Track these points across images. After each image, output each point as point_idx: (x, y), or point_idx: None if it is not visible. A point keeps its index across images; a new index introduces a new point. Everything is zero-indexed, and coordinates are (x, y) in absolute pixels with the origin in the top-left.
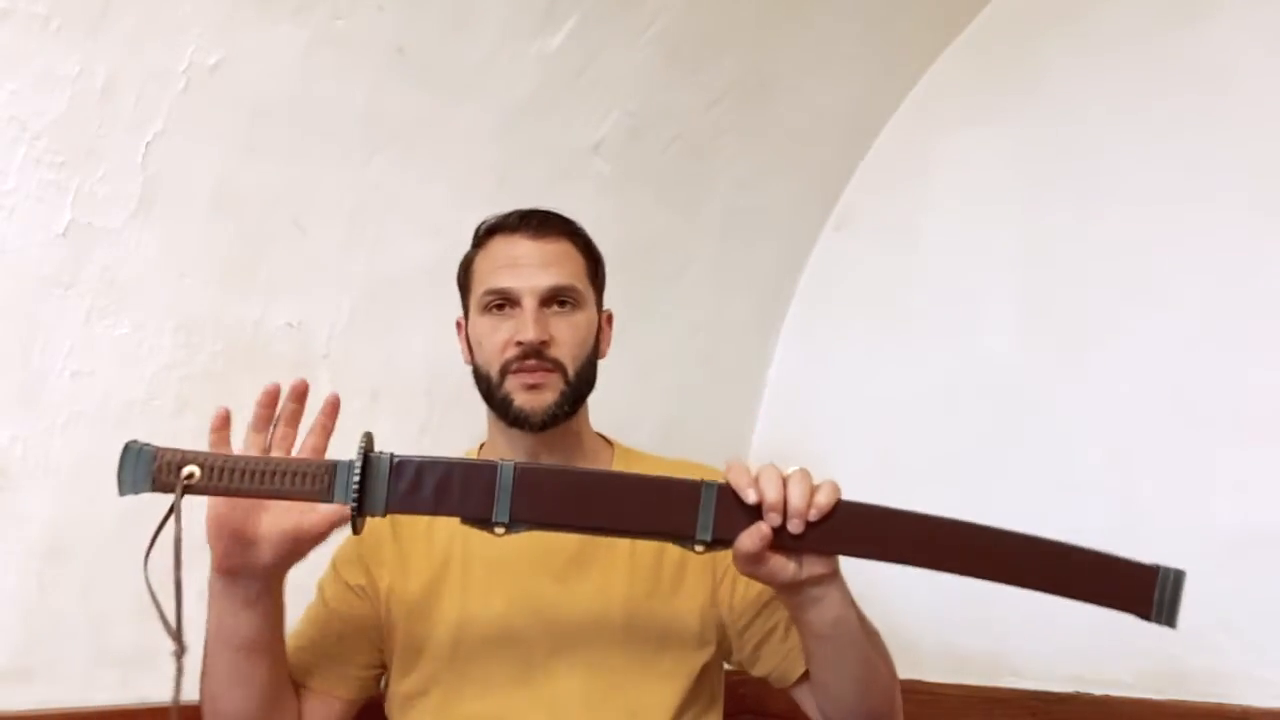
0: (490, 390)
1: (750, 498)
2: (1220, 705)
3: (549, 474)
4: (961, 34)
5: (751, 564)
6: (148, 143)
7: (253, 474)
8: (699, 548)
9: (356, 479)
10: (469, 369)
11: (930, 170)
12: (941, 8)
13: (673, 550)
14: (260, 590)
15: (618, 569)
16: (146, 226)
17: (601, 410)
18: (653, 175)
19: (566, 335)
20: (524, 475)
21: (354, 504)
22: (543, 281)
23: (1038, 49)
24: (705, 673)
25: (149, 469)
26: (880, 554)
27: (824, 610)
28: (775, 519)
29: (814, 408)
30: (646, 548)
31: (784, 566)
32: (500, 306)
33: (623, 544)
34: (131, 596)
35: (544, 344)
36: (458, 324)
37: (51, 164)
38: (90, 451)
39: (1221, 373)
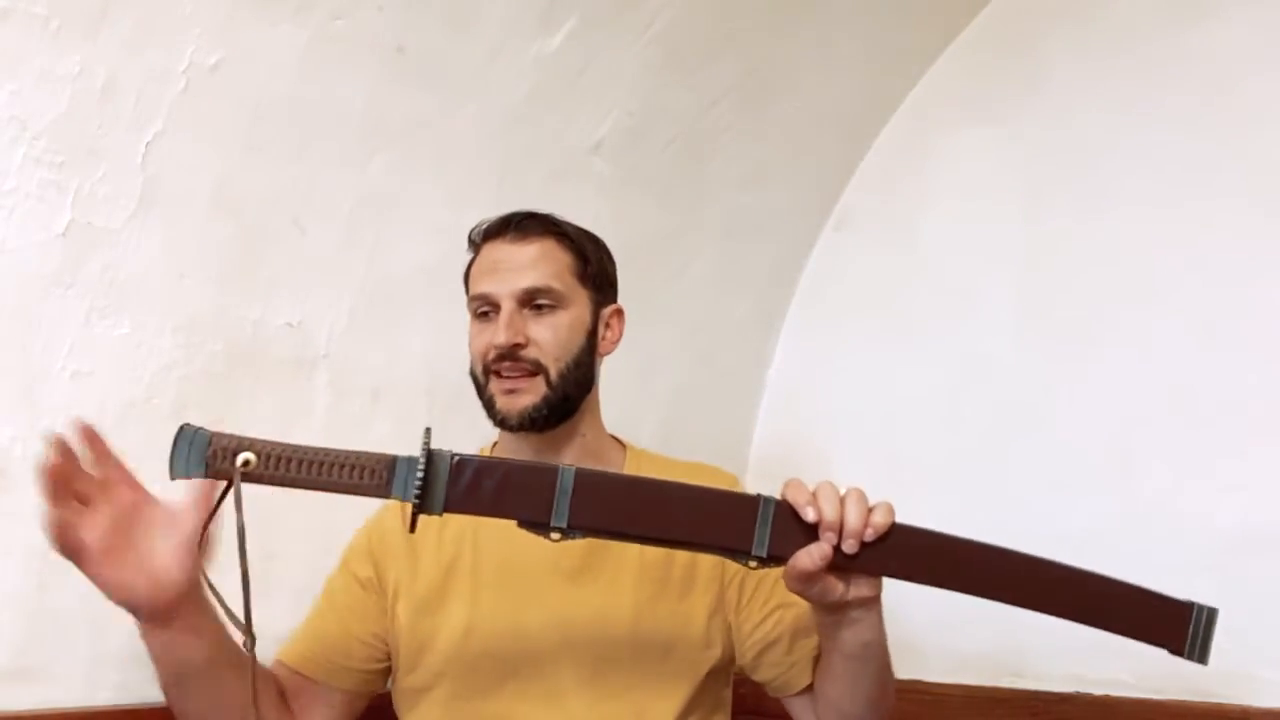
0: (479, 393)
1: (809, 516)
2: (1220, 705)
3: (609, 480)
4: (961, 34)
5: (804, 582)
6: (148, 143)
7: (310, 465)
8: (753, 563)
9: (420, 476)
10: (465, 369)
11: (930, 170)
12: (942, 7)
13: (682, 554)
14: (193, 616)
15: (627, 572)
16: (146, 226)
17: (601, 409)
18: (653, 175)
19: (545, 336)
20: (584, 480)
21: (416, 501)
22: (518, 284)
23: (1038, 49)
24: (712, 676)
25: (203, 454)
26: (929, 578)
27: (860, 632)
28: (832, 538)
29: (814, 407)
30: (656, 551)
31: (834, 587)
32: (485, 313)
33: (632, 547)
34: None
35: (517, 346)
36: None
37: (51, 164)
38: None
39: (1221, 373)
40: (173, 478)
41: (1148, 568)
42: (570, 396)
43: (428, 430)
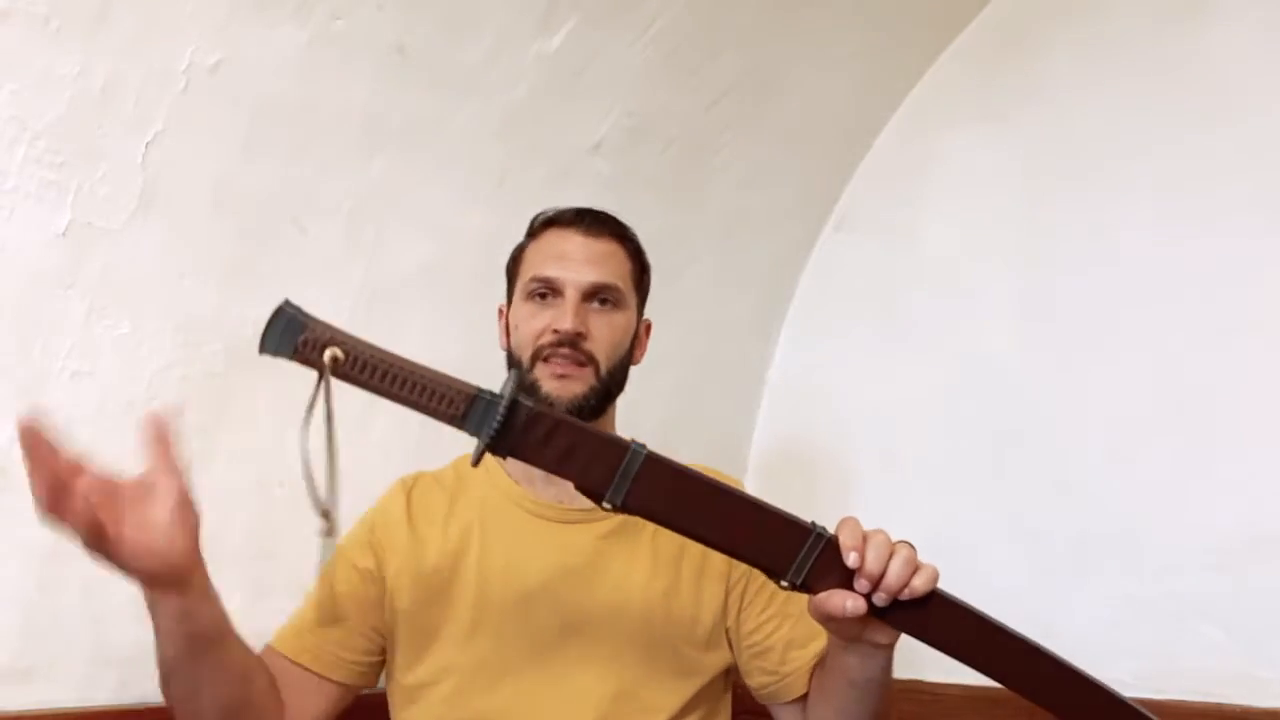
0: (520, 375)
1: (851, 561)
2: (1220, 705)
3: (674, 472)
4: (961, 34)
5: (827, 618)
6: (148, 143)
7: (394, 377)
8: (785, 584)
9: (499, 419)
10: (465, 369)
11: (930, 170)
12: (942, 7)
13: (694, 551)
14: (200, 587)
15: (638, 566)
16: (146, 226)
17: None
18: (653, 175)
19: (604, 332)
20: (650, 465)
21: (490, 440)
22: (587, 276)
23: (1038, 49)
24: (717, 675)
25: (295, 338)
26: (951, 650)
27: (866, 666)
28: (865, 586)
29: (814, 408)
30: (668, 547)
31: (851, 627)
32: (543, 295)
33: (644, 541)
34: (131, 596)
35: (579, 336)
36: (499, 310)
37: (51, 164)
38: (90, 451)
39: (1221, 373)
40: (261, 351)
41: (1148, 568)
42: (610, 394)
43: (514, 373)
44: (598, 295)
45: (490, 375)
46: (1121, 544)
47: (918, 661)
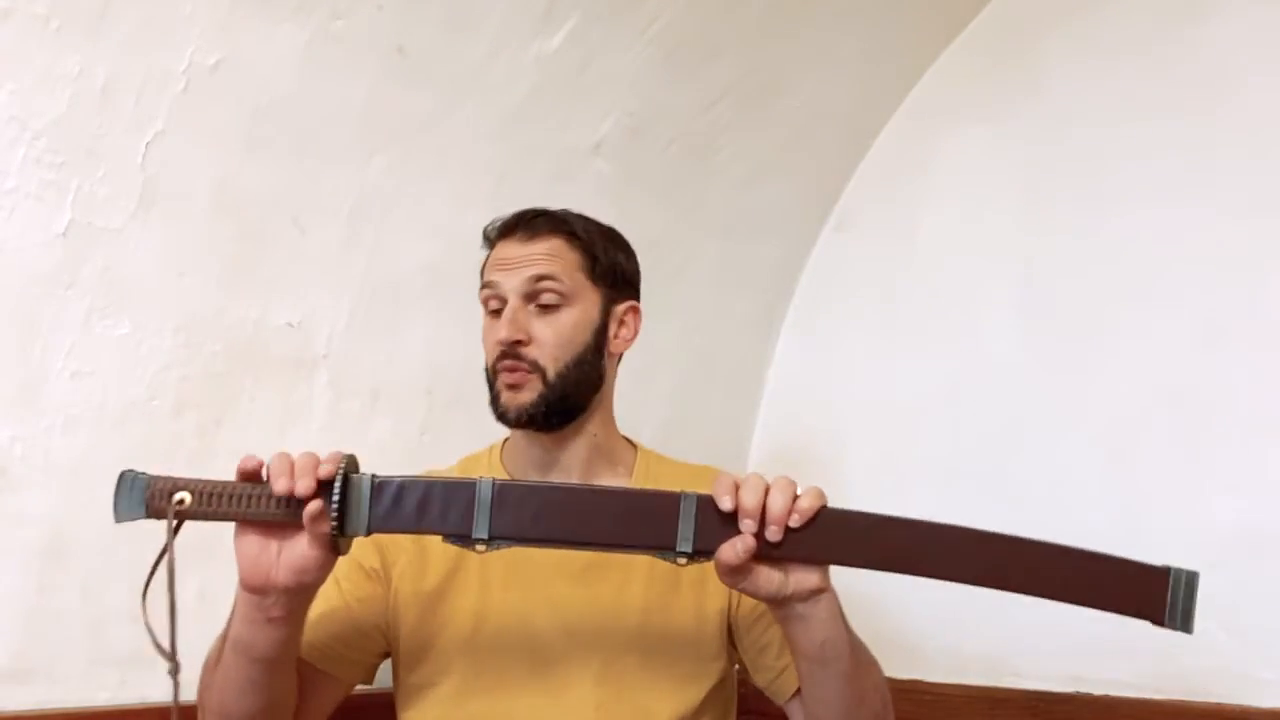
0: (489, 387)
1: (725, 505)
2: (1220, 705)
3: (527, 490)
4: (961, 34)
5: (733, 575)
6: (148, 143)
7: (238, 498)
8: (681, 560)
9: (336, 500)
10: (465, 369)
11: (930, 170)
12: (942, 8)
13: None
14: (284, 611)
15: (638, 572)
16: (146, 226)
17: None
18: (653, 175)
19: (546, 335)
20: (502, 492)
21: (334, 525)
22: (518, 279)
23: (1038, 49)
24: (720, 681)
25: (142, 496)
26: (872, 562)
27: (812, 630)
28: (750, 525)
29: (814, 408)
30: None
31: (769, 579)
32: (497, 310)
33: None
34: (131, 596)
35: (518, 343)
36: None
37: (51, 164)
38: (90, 451)
39: (1221, 373)
40: (116, 521)
41: None
42: (569, 395)
43: (348, 457)
44: (536, 298)
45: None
46: (1120, 544)
47: (918, 662)
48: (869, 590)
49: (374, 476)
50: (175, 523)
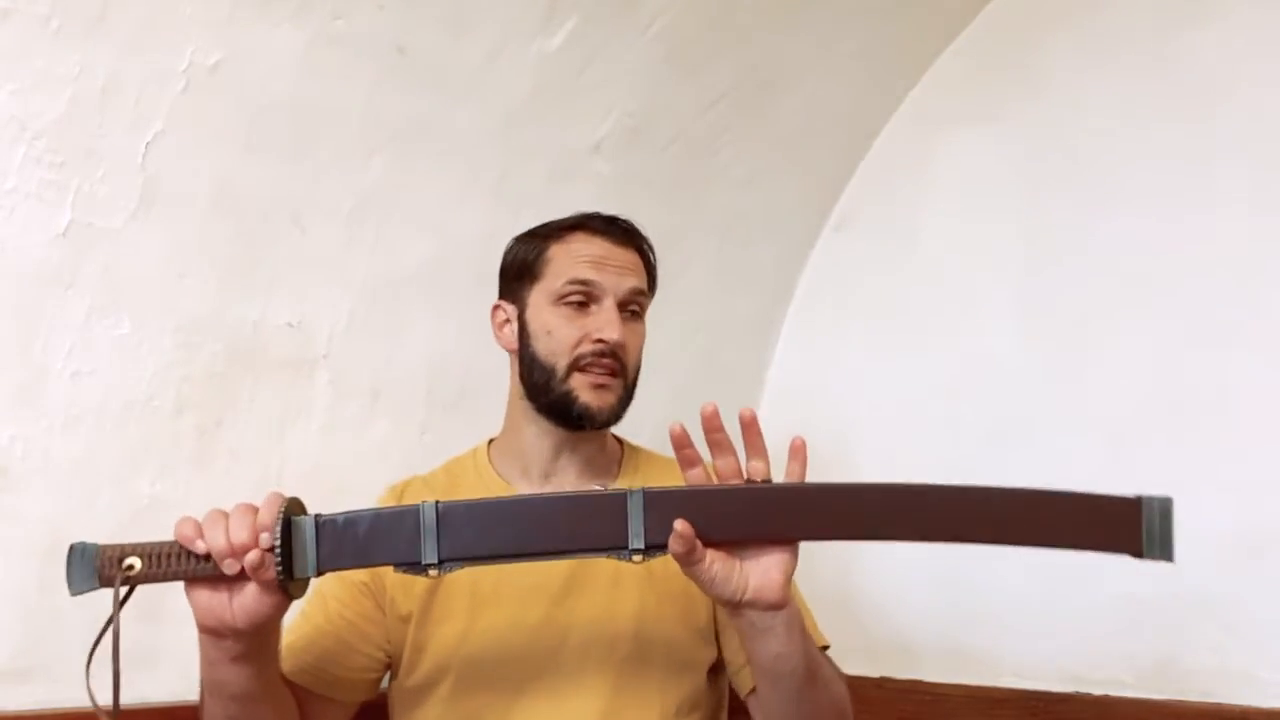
0: (549, 382)
1: (694, 477)
2: (1220, 705)
3: (470, 509)
4: (961, 34)
5: (688, 565)
6: (148, 143)
7: (184, 557)
8: (636, 557)
9: (278, 547)
10: (465, 369)
11: (930, 170)
12: (942, 7)
13: None
14: (245, 649)
15: (634, 576)
16: (146, 226)
17: None
18: (653, 175)
19: (633, 342)
20: (446, 514)
21: (279, 571)
22: (626, 284)
23: (1038, 49)
24: (713, 674)
25: (93, 567)
26: (832, 532)
27: (767, 642)
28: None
29: (814, 408)
30: None
31: (725, 578)
32: (582, 302)
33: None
34: (131, 596)
35: (620, 346)
36: (494, 309)
37: (51, 164)
38: (90, 451)
39: (1221, 372)
40: (71, 594)
41: (1148, 568)
42: (629, 403)
43: (291, 500)
44: (629, 305)
45: (490, 374)
46: None
47: (918, 662)
48: (869, 590)
49: (317, 516)
50: (125, 590)
